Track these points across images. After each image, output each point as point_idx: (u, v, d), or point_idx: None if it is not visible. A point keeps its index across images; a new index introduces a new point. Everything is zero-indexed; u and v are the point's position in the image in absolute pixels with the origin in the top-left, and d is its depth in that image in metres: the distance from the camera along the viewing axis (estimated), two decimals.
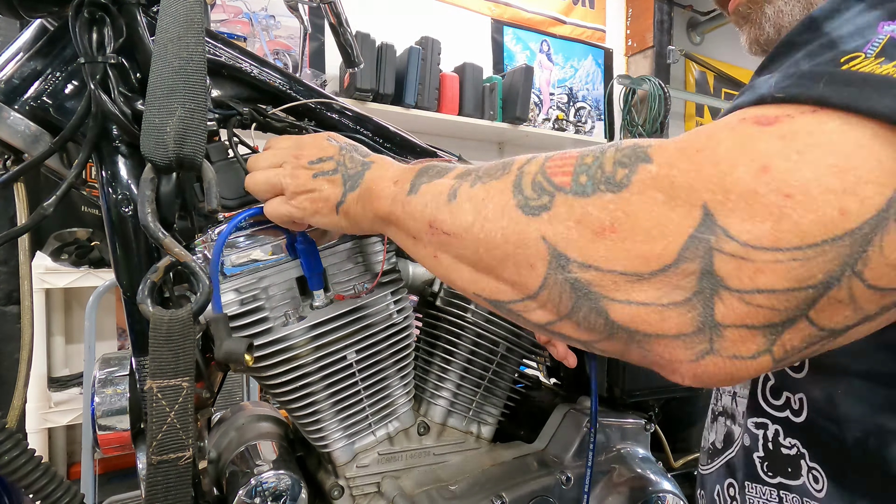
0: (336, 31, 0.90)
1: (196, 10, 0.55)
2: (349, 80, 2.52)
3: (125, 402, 0.63)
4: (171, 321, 0.51)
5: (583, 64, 3.57)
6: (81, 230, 1.16)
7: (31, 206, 0.61)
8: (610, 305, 0.32)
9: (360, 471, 0.74)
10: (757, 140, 0.29)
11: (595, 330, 0.33)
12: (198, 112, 0.54)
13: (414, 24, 2.85)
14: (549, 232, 0.34)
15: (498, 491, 0.74)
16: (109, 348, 2.18)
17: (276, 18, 2.59)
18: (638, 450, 0.87)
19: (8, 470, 0.49)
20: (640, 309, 0.31)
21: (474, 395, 0.81)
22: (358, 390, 0.71)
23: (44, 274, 1.72)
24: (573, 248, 0.33)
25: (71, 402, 1.85)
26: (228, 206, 0.66)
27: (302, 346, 0.65)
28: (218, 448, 0.75)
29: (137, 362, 0.63)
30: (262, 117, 0.71)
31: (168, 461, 0.52)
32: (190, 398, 0.52)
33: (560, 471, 0.79)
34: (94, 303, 1.70)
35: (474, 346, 0.79)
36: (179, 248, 0.53)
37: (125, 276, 0.61)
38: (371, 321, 0.70)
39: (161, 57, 0.53)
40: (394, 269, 0.73)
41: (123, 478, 2.00)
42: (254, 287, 0.63)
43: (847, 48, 0.31)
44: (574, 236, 0.33)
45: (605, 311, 0.32)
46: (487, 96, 2.83)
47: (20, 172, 0.58)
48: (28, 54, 0.60)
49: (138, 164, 0.60)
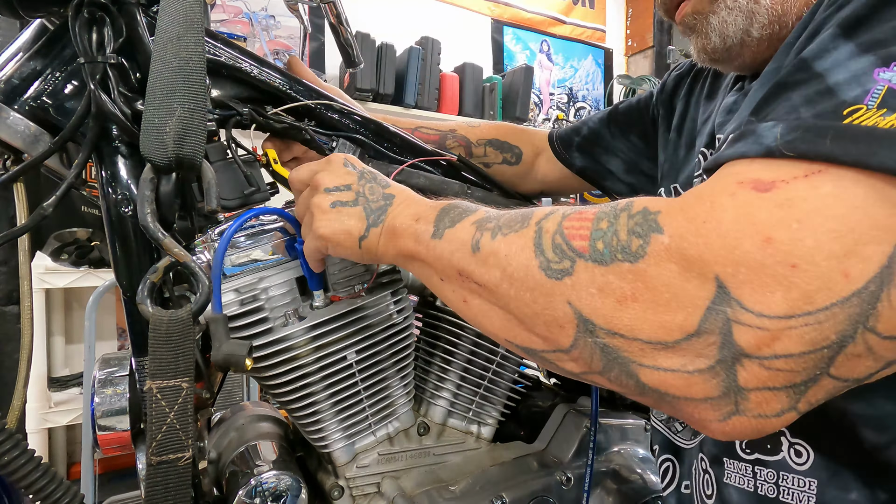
0: (336, 31, 0.90)
1: (196, 10, 0.54)
2: (349, 80, 2.53)
3: (125, 402, 0.63)
4: (171, 321, 0.51)
5: (583, 64, 3.57)
6: (81, 230, 1.16)
7: (31, 206, 0.61)
8: (639, 370, 0.33)
9: (360, 471, 0.73)
10: (758, 209, 0.31)
11: (627, 388, 0.35)
12: (197, 112, 0.54)
13: (414, 24, 2.85)
14: (573, 298, 0.35)
15: (498, 491, 0.74)
16: (109, 348, 2.18)
17: (276, 18, 2.59)
18: (638, 450, 0.87)
19: (8, 470, 0.49)
20: (668, 375, 0.32)
21: (474, 396, 0.81)
22: (358, 390, 0.71)
23: (44, 274, 1.72)
24: (598, 315, 0.34)
25: (71, 402, 1.85)
26: (228, 206, 0.66)
27: (302, 347, 0.65)
28: (218, 448, 0.75)
29: (137, 362, 0.63)
30: (262, 118, 0.71)
31: (168, 462, 0.52)
32: (190, 398, 0.52)
33: (560, 471, 0.79)
34: (94, 303, 1.70)
35: (474, 347, 0.79)
36: (179, 248, 0.53)
37: (125, 276, 0.61)
38: (371, 321, 0.70)
39: (161, 57, 0.53)
40: (393, 270, 0.73)
41: (123, 478, 2.00)
42: (254, 287, 0.63)
43: (847, 98, 0.32)
44: (598, 304, 0.34)
45: (636, 374, 0.34)
46: (487, 96, 2.83)
47: (20, 172, 0.58)
48: (28, 54, 0.60)
49: (138, 164, 0.60)
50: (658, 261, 0.32)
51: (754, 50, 0.55)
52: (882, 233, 0.28)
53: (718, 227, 0.31)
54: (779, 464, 0.48)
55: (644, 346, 0.33)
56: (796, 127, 0.32)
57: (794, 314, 0.29)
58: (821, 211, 0.29)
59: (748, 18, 0.53)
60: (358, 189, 0.57)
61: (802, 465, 0.46)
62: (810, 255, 0.28)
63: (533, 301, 0.37)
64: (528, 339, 0.39)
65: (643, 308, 0.32)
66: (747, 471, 0.51)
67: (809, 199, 0.29)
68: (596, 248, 0.35)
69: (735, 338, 0.30)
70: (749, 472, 0.50)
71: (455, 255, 0.44)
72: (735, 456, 0.52)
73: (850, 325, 0.29)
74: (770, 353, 0.29)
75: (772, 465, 0.49)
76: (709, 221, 0.32)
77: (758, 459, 0.50)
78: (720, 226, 0.31)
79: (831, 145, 0.30)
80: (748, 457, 0.51)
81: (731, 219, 0.31)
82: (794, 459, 0.47)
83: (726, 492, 0.52)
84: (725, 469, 0.53)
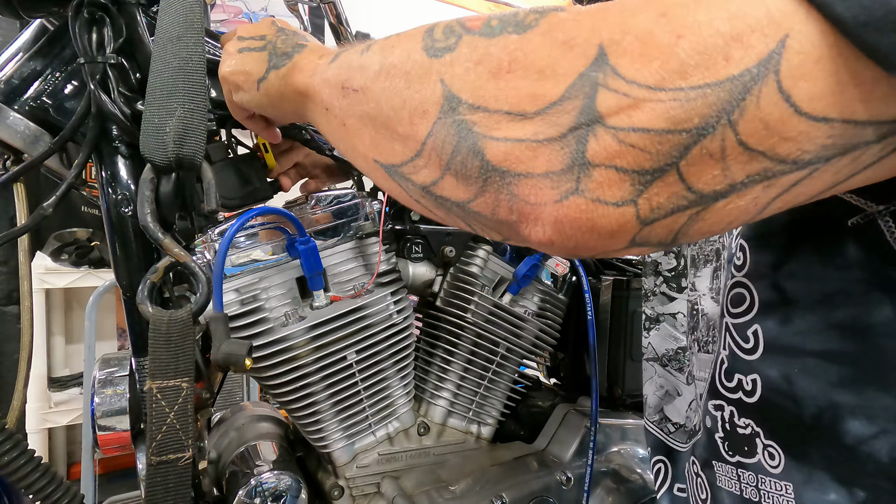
0: (336, 31, 0.90)
1: (196, 10, 0.55)
2: None
3: (125, 402, 0.63)
4: (171, 321, 0.51)
5: None
6: (81, 230, 1.16)
7: (31, 206, 0.61)
8: (487, 144, 0.32)
9: (360, 471, 0.74)
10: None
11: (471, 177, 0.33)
12: (197, 112, 0.54)
13: (414, 24, 2.84)
14: (447, 74, 0.34)
15: (498, 491, 0.74)
16: (109, 348, 2.18)
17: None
18: (638, 450, 0.87)
19: (8, 470, 0.49)
20: (515, 146, 0.31)
21: (474, 396, 0.81)
22: (358, 390, 0.71)
23: (44, 274, 1.72)
24: (467, 89, 0.32)
25: (71, 402, 1.85)
26: (228, 206, 0.66)
27: (302, 347, 0.65)
28: (218, 448, 0.75)
29: (137, 362, 0.63)
30: None
31: (168, 462, 0.52)
32: (190, 399, 0.52)
33: (560, 471, 0.79)
34: (94, 303, 1.70)
35: (474, 347, 0.79)
36: (179, 248, 0.53)
37: (125, 276, 0.61)
38: (371, 321, 0.70)
39: (161, 57, 0.53)
40: (393, 270, 0.73)
41: (123, 478, 2.00)
42: (254, 287, 0.63)
43: None
44: (471, 77, 0.32)
45: (482, 150, 0.32)
46: None
47: (20, 172, 0.58)
48: (28, 54, 0.60)
49: (138, 164, 0.60)
50: (547, 30, 0.31)
51: None
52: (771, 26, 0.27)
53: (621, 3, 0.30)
54: (756, 466, 0.47)
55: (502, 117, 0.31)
56: None
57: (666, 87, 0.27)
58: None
59: None
60: (272, 39, 0.57)
61: (776, 468, 0.46)
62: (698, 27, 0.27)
63: (406, 87, 0.35)
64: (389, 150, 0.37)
65: (515, 78, 0.31)
66: (733, 473, 0.50)
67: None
68: (489, 25, 0.34)
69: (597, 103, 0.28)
70: (734, 474, 0.50)
71: (342, 69, 0.42)
72: (722, 458, 0.51)
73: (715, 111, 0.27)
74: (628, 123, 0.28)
75: (751, 467, 0.48)
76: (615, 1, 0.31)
77: (739, 462, 0.49)
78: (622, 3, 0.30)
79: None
80: (731, 459, 0.50)
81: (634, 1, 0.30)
82: (768, 462, 0.46)
83: (719, 496, 0.52)
84: (716, 472, 0.53)
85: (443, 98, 0.33)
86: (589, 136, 0.29)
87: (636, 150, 0.28)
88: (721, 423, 0.51)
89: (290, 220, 0.64)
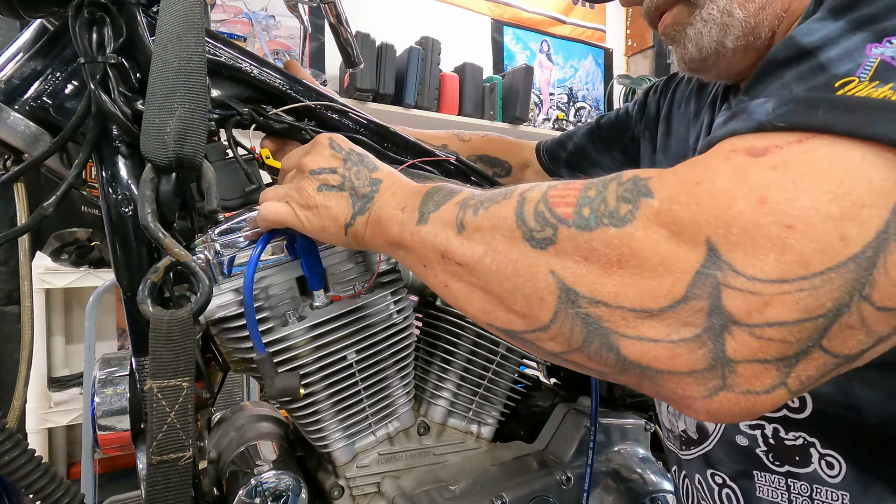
0: (336, 31, 0.90)
1: (196, 10, 0.55)
2: (349, 80, 2.52)
3: (125, 402, 0.63)
4: (171, 321, 0.51)
5: (583, 64, 3.57)
6: (81, 230, 1.16)
7: (31, 206, 0.61)
8: (620, 341, 0.32)
9: (360, 471, 0.74)
10: (752, 172, 0.29)
11: (607, 364, 0.33)
12: (198, 112, 0.54)
13: (414, 24, 2.85)
14: (557, 266, 0.34)
15: (498, 491, 0.74)
16: (109, 348, 2.18)
17: (276, 18, 2.59)
18: (638, 450, 0.87)
19: (8, 470, 0.49)
20: (651, 345, 0.31)
21: (474, 396, 0.81)
22: (358, 390, 0.71)
23: (44, 274, 1.72)
24: (581, 283, 0.33)
25: (71, 402, 1.85)
26: (228, 206, 0.66)
27: (302, 346, 0.65)
28: (218, 448, 0.75)
29: (137, 362, 0.62)
30: (262, 118, 0.71)
31: (168, 461, 0.52)
32: (190, 398, 0.52)
33: (560, 471, 0.79)
34: (94, 303, 1.70)
35: (474, 347, 0.79)
36: (179, 248, 0.53)
37: (125, 276, 0.61)
38: (371, 321, 0.70)
39: (161, 57, 0.53)
40: (393, 270, 0.73)
41: (123, 478, 2.00)
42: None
43: (839, 72, 0.31)
44: (582, 271, 0.33)
45: (616, 346, 0.32)
46: (487, 96, 2.83)
47: (20, 172, 0.58)
48: (28, 54, 0.60)
49: (138, 164, 0.60)
50: (646, 224, 0.31)
51: (730, 59, 0.57)
52: (879, 196, 0.27)
53: (711, 187, 0.30)
54: (811, 476, 0.47)
55: (627, 314, 0.31)
56: (788, 101, 0.31)
57: (789, 278, 0.27)
58: (817, 173, 0.28)
59: (722, 30, 0.54)
60: (344, 173, 0.56)
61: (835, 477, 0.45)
62: (807, 215, 0.27)
63: (515, 274, 0.36)
64: (507, 320, 0.38)
65: (629, 274, 0.31)
66: (780, 484, 0.49)
67: (805, 161, 0.28)
68: (581, 215, 0.34)
69: (724, 303, 0.28)
70: (783, 484, 0.49)
71: (438, 238, 0.44)
72: (765, 468, 0.51)
73: (846, 292, 0.27)
74: (762, 320, 0.28)
75: (804, 477, 0.47)
76: (701, 183, 0.30)
77: (789, 472, 0.49)
78: (713, 186, 0.30)
79: (825, 115, 0.29)
80: (779, 469, 0.49)
81: (724, 180, 0.30)
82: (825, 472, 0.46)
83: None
84: (756, 483, 0.52)
85: (558, 290, 0.34)
86: (725, 336, 0.29)
87: (776, 342, 0.28)
88: (763, 440, 0.51)
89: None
